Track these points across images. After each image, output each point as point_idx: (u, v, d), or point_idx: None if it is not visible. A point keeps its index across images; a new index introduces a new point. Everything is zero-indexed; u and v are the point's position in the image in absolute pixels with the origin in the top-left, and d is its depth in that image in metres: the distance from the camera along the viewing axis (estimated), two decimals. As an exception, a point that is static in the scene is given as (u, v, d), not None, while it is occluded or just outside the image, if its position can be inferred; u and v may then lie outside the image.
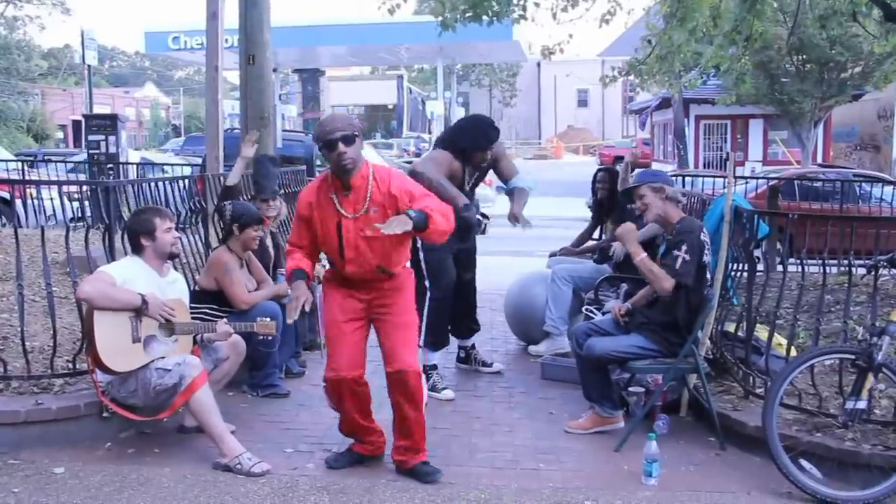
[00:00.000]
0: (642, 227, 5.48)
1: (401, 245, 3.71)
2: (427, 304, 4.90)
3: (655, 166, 23.65)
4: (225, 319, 4.32)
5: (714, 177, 10.06)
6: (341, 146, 3.51)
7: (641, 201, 4.34)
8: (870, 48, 15.53)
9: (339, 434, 4.02)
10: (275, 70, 12.06)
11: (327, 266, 3.98)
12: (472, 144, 4.89)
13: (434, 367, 5.08)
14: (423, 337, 4.81)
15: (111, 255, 4.52)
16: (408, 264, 3.91)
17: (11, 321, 5.12)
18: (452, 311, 5.16)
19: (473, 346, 5.61)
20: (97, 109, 20.83)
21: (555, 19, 9.02)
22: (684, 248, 4.17)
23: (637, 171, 5.13)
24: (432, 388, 4.93)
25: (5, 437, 4.03)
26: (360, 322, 3.78)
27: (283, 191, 6.57)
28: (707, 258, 4.31)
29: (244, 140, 5.61)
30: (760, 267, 5.10)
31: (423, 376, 4.96)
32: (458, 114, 33.13)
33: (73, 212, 7.35)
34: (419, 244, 4.69)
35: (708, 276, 4.43)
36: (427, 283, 4.90)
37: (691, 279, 4.21)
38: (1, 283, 5.63)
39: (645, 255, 4.24)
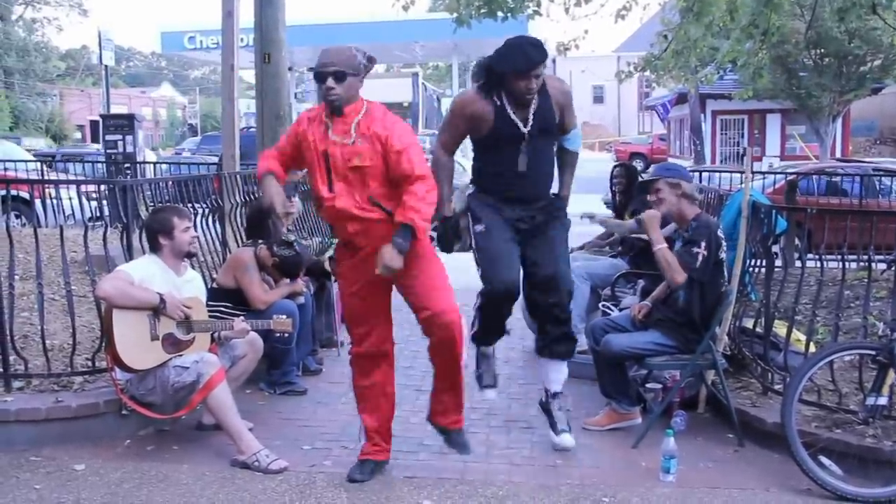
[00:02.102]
0: (662, 222, 5.47)
1: (391, 181, 3.51)
2: (477, 298, 4.08)
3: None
4: (242, 317, 4.34)
5: (731, 172, 10.00)
6: (330, 81, 3.41)
7: (657, 195, 4.33)
8: (889, 41, 15.37)
9: (356, 432, 4.01)
10: (290, 69, 12.11)
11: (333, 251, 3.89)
12: (507, 66, 3.80)
13: (486, 352, 4.27)
14: (471, 327, 4.14)
15: (129, 254, 4.55)
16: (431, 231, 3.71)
17: (32, 320, 5.17)
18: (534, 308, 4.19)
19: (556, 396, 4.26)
20: (114, 109, 20.99)
21: (568, 14, 8.98)
22: (703, 244, 4.15)
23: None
24: (478, 378, 4.24)
25: (27, 435, 4.08)
26: (377, 297, 3.66)
27: (302, 187, 6.59)
28: (723, 255, 4.29)
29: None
30: (778, 262, 5.06)
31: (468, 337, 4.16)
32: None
33: (91, 211, 7.42)
34: (472, 225, 4.03)
35: (725, 272, 4.40)
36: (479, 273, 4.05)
37: (708, 276, 4.19)
38: (21, 282, 5.68)
39: (665, 245, 4.22)
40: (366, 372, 3.77)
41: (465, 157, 3.97)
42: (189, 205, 5.30)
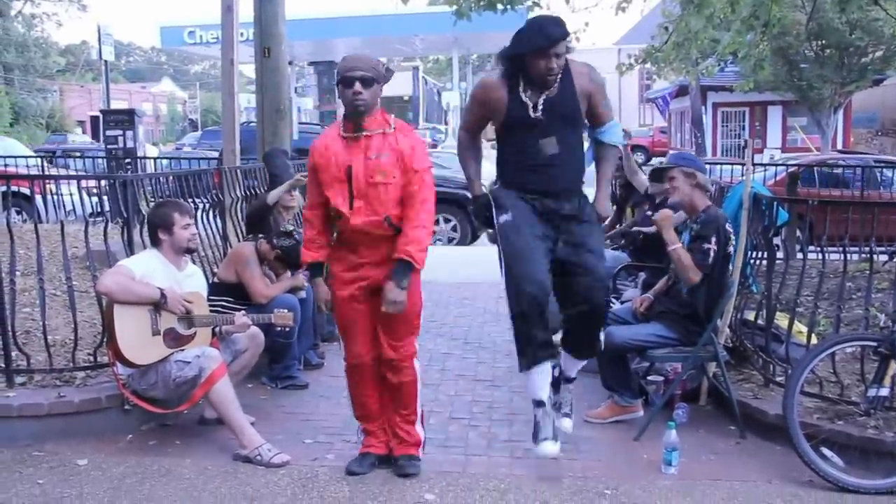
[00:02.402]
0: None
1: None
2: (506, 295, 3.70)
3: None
4: (243, 311, 4.34)
5: (732, 164, 9.99)
6: (358, 85, 3.43)
7: (671, 183, 4.32)
8: (891, 32, 15.33)
9: (357, 425, 4.01)
10: (290, 63, 12.08)
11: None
12: (526, 46, 3.56)
13: (540, 403, 3.74)
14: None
15: (130, 249, 4.55)
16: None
17: (33, 315, 5.17)
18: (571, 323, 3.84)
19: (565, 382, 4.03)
20: (114, 105, 20.95)
21: (568, 4, 8.96)
22: (714, 239, 4.15)
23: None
24: (534, 435, 3.76)
25: (29, 430, 4.09)
26: (369, 304, 3.66)
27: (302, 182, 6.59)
28: (731, 249, 4.29)
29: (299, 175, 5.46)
30: (780, 254, 5.06)
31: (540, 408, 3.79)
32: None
33: (91, 207, 7.42)
34: (496, 215, 3.75)
35: (730, 265, 4.40)
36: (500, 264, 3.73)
37: (717, 269, 4.19)
38: (22, 278, 5.69)
39: (680, 245, 4.21)
40: (356, 382, 3.77)
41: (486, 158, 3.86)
42: (190, 200, 5.30)
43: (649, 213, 5.78)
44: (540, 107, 3.65)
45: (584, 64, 3.80)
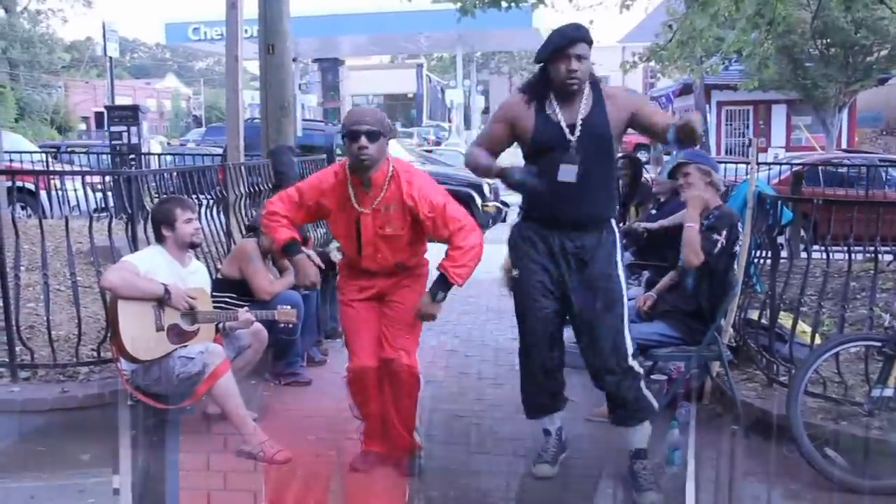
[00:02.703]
0: (668, 212, 5.45)
1: (419, 242, 3.67)
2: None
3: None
4: (246, 308, 4.35)
5: (736, 163, 9.97)
6: (363, 140, 3.43)
7: (686, 178, 4.31)
8: (896, 31, 15.29)
9: (359, 423, 4.01)
10: (295, 60, 12.08)
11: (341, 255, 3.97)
12: (545, 49, 3.43)
13: (547, 432, 3.86)
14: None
15: (134, 245, 4.55)
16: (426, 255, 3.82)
17: (38, 310, 5.18)
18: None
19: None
20: (119, 101, 20.98)
21: (571, 2, 8.98)
22: (724, 233, 4.14)
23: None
24: (536, 457, 3.83)
25: (33, 424, 4.10)
26: (376, 310, 3.71)
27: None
28: (738, 248, 4.28)
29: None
30: (784, 254, 5.05)
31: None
32: (478, 102, 33.12)
33: (96, 202, 7.44)
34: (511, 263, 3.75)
35: (734, 264, 4.39)
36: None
37: (722, 266, 4.18)
38: (27, 273, 5.69)
39: (697, 226, 4.18)
40: (359, 393, 3.74)
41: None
42: (194, 196, 5.30)
43: (653, 211, 5.78)
44: (577, 128, 3.43)
45: (616, 87, 3.66)
